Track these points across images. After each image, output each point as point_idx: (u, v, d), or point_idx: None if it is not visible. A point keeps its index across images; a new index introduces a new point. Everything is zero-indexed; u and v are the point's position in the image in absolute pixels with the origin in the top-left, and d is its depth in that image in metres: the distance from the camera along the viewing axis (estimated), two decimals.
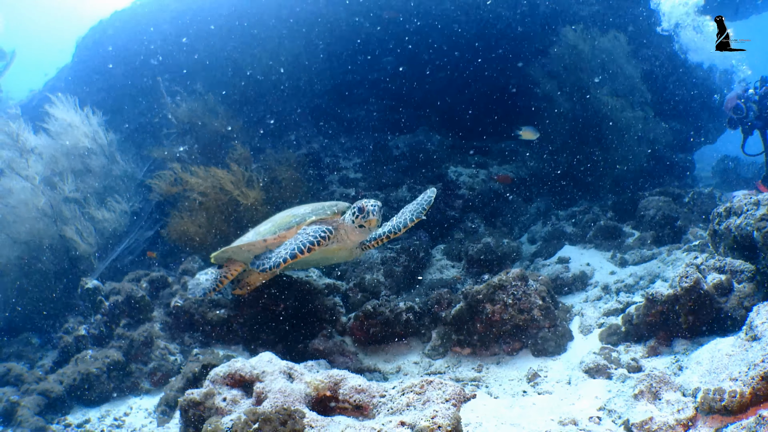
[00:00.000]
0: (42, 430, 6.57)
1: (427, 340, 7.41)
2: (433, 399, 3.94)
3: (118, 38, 15.57)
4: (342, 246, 6.60)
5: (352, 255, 7.01)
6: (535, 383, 5.92)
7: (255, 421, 3.65)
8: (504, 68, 14.43)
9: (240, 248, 6.78)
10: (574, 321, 7.49)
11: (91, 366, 7.31)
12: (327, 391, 4.32)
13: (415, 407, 3.95)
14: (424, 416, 3.61)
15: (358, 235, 6.51)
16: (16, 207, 10.01)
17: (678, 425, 4.12)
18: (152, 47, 14.66)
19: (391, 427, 3.55)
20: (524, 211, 12.42)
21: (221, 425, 3.92)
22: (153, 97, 13.73)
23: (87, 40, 16.74)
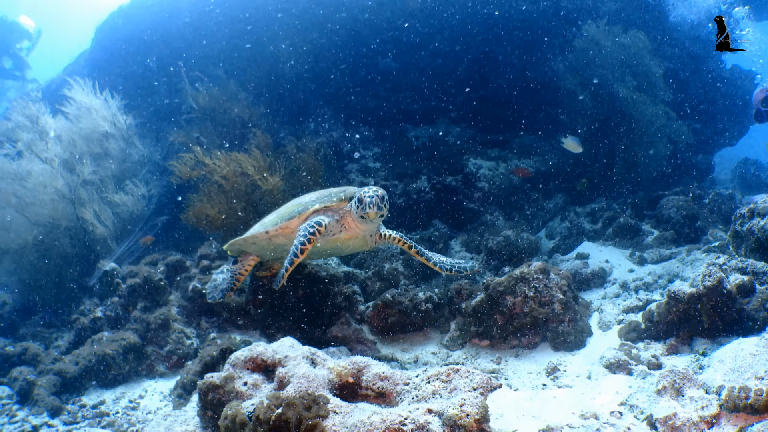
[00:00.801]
0: (58, 410, 6.57)
1: (445, 331, 7.37)
2: (461, 387, 3.89)
3: (137, 24, 15.54)
4: (352, 235, 6.27)
5: (367, 244, 6.62)
6: (555, 377, 5.90)
7: (278, 406, 3.61)
8: (525, 62, 14.32)
9: (246, 241, 6.72)
10: (593, 317, 7.45)
11: (107, 348, 7.31)
12: (350, 377, 4.28)
13: (441, 395, 3.91)
14: (452, 404, 3.57)
15: (366, 226, 6.17)
16: (35, 189, 10.02)
17: (701, 422, 4.07)
18: (172, 34, 14.62)
19: (419, 414, 3.51)
20: (542, 207, 12.34)
21: (242, 409, 3.88)
22: (172, 82, 13.73)
23: (106, 26, 16.73)
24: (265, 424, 3.58)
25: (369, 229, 6.26)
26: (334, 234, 6.19)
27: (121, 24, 16.06)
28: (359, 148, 12.92)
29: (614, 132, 12.89)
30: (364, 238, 6.42)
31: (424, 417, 3.49)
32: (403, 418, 3.49)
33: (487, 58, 14.41)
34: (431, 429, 3.44)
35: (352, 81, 14.37)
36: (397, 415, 3.51)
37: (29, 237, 10.00)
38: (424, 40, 14.28)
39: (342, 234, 6.23)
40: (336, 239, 6.25)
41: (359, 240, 6.41)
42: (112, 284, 8.44)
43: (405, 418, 3.49)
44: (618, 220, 10.51)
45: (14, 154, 10.30)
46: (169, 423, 5.05)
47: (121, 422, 6.06)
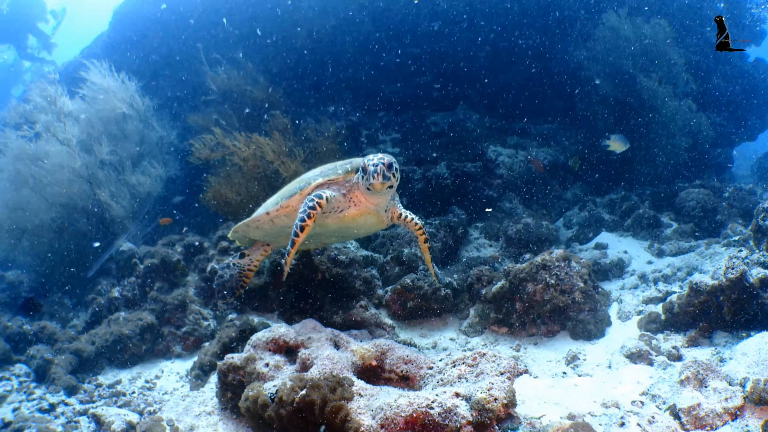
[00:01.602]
0: (74, 389, 6.58)
1: (464, 317, 7.31)
2: (487, 372, 3.86)
3: (155, 6, 15.51)
4: (363, 210, 5.60)
5: (382, 221, 5.91)
6: (575, 365, 5.84)
7: (302, 388, 3.57)
8: (546, 50, 14.19)
9: (248, 226, 6.29)
10: (612, 306, 7.38)
11: (123, 327, 7.31)
12: (373, 360, 4.24)
13: (467, 379, 3.87)
14: (479, 388, 3.53)
15: (376, 198, 5.49)
16: (52, 170, 10.04)
17: (725, 413, 4.06)
18: (190, 15, 14.59)
19: (446, 398, 3.46)
20: (560, 196, 12.25)
21: (264, 391, 3.84)
22: (190, 65, 13.69)
23: (124, 8, 16.76)
24: (289, 405, 3.54)
25: (380, 202, 5.60)
26: (342, 210, 5.61)
27: (139, 6, 16.05)
28: (378, 133, 12.86)
29: (634, 122, 12.75)
30: (377, 214, 5.73)
31: (452, 400, 3.45)
32: (430, 401, 3.45)
33: (508, 45, 14.27)
34: (459, 412, 3.40)
35: (371, 66, 14.28)
36: (424, 398, 3.46)
37: (46, 217, 10.04)
38: (444, 27, 14.17)
39: (351, 209, 5.61)
40: (346, 216, 5.65)
41: (372, 216, 5.73)
42: (130, 265, 8.43)
43: (432, 402, 3.45)
44: (637, 211, 10.43)
45: (32, 136, 10.32)
46: (188, 404, 5.03)
47: (137, 402, 6.04)
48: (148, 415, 5.58)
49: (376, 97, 13.91)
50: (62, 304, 9.78)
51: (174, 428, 4.50)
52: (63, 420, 5.90)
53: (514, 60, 14.26)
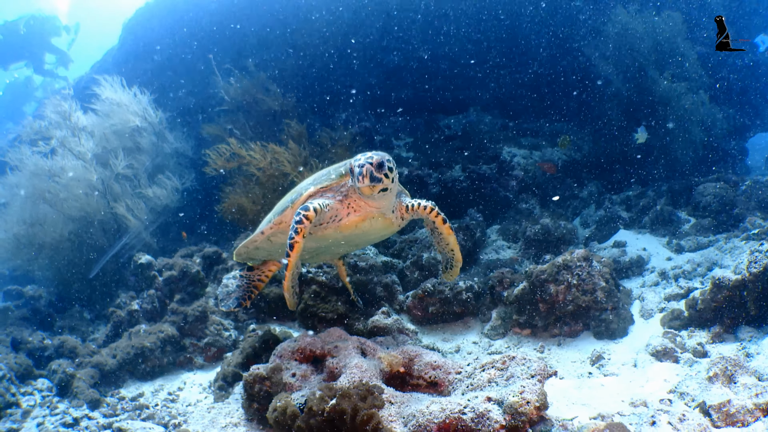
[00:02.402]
0: (97, 403, 6.58)
1: (486, 320, 7.26)
2: (518, 375, 3.81)
3: (164, 20, 15.61)
4: (365, 215, 4.97)
5: (392, 224, 5.22)
6: (600, 365, 5.79)
7: (332, 397, 3.53)
8: (556, 49, 14.15)
9: (248, 247, 5.79)
10: (634, 305, 7.32)
11: (145, 340, 7.32)
12: (401, 367, 4.20)
13: (497, 383, 3.83)
14: (511, 392, 3.49)
15: (377, 201, 4.83)
16: (69, 184, 10.12)
17: (756, 409, 3.98)
18: (201, 27, 14.65)
19: (478, 403, 3.42)
20: (576, 195, 12.19)
21: (292, 401, 3.81)
22: (201, 76, 13.76)
23: (133, 23, 16.87)
24: (319, 415, 3.51)
25: (383, 205, 4.93)
26: (341, 218, 4.98)
27: (148, 20, 16.17)
28: (392, 138, 12.84)
29: (648, 118, 12.66)
30: (383, 217, 5.07)
31: (484, 405, 3.41)
32: (462, 407, 3.41)
33: (517, 45, 14.26)
34: (491, 417, 3.36)
35: (382, 71, 14.29)
36: (456, 404, 3.43)
37: (64, 231, 10.10)
38: (453, 29, 14.16)
39: (352, 217, 4.97)
40: (346, 225, 5.01)
41: (378, 220, 5.06)
42: (149, 277, 8.44)
43: (464, 407, 3.41)
44: (654, 207, 10.35)
45: (48, 151, 10.39)
46: (213, 415, 5.00)
47: (162, 414, 6.03)
48: (173, 428, 5.57)
49: (388, 101, 13.92)
50: (81, 317, 9.81)
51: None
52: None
53: (524, 60, 14.23)
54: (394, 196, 4.95)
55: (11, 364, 7.19)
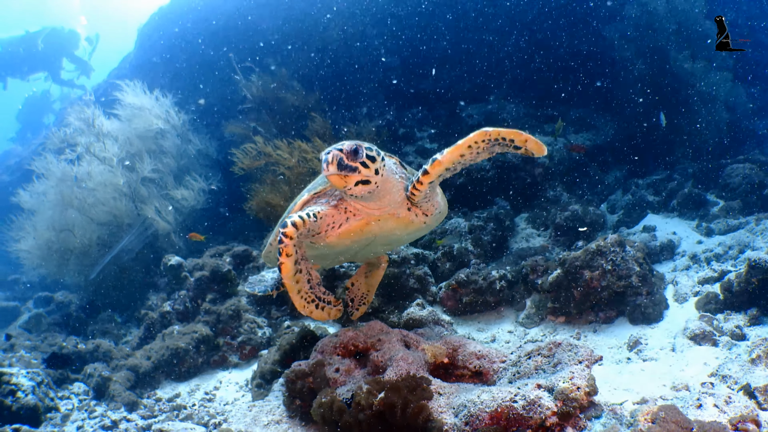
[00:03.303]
0: (134, 405, 6.61)
1: (520, 309, 7.21)
2: (565, 361, 3.77)
3: (179, 23, 15.64)
4: (369, 217, 4.37)
5: (411, 223, 4.53)
6: (638, 350, 5.73)
7: (380, 390, 3.50)
8: (574, 33, 14.02)
9: (268, 256, 5.44)
10: (667, 289, 7.24)
11: (179, 341, 7.35)
12: (445, 358, 4.17)
13: (544, 370, 3.79)
14: (561, 378, 3.46)
15: (375, 201, 4.23)
16: (96, 189, 10.20)
17: None
18: (215, 29, 14.64)
19: (528, 390, 3.39)
20: (602, 180, 12.08)
21: (338, 396, 3.78)
22: (219, 77, 13.79)
23: (148, 28, 16.93)
24: (368, 409, 3.48)
25: (383, 203, 4.27)
26: (341, 224, 4.41)
27: (163, 24, 16.22)
28: (414, 130, 12.78)
29: (671, 100, 12.51)
30: (395, 218, 4.43)
31: (535, 392, 3.38)
32: (513, 395, 3.38)
33: (535, 32, 14.14)
34: (542, 404, 3.33)
35: (401, 63, 14.23)
36: (506, 392, 3.39)
37: (93, 236, 10.17)
38: (472, 19, 14.06)
39: (352, 222, 4.39)
40: (350, 230, 4.43)
41: (389, 222, 4.44)
42: (179, 278, 8.47)
43: (515, 395, 3.38)
44: (682, 190, 10.23)
45: (74, 158, 10.48)
46: (255, 413, 4.98)
47: (201, 414, 6.04)
48: (214, 427, 5.57)
49: (408, 94, 13.85)
50: (112, 321, 9.88)
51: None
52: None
53: (544, 47, 14.11)
54: (393, 191, 4.22)
55: (48, 370, 7.24)
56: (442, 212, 4.88)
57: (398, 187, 4.25)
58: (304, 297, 4.31)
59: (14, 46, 21.90)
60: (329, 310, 4.40)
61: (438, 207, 4.65)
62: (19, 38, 22.01)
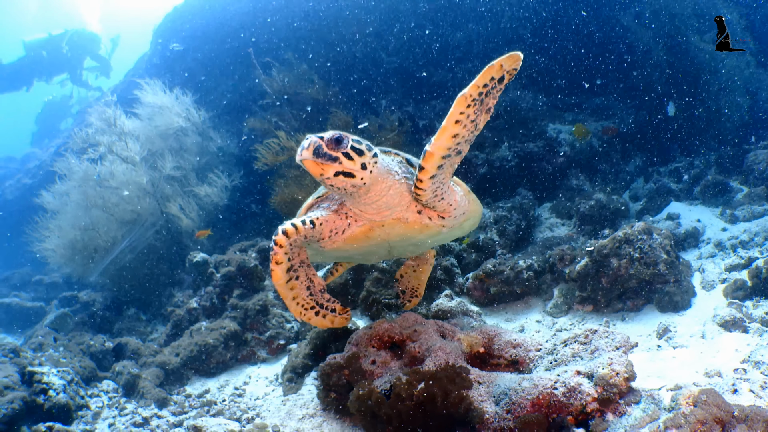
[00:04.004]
0: (164, 401, 6.66)
1: (547, 299, 7.19)
2: (602, 347, 3.78)
3: (194, 22, 15.69)
4: (371, 223, 4.09)
5: (429, 228, 4.19)
6: (668, 338, 5.69)
7: (420, 381, 3.51)
8: (591, 21, 13.91)
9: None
10: (694, 277, 7.19)
11: (207, 337, 7.39)
12: (481, 347, 4.17)
13: (581, 357, 3.79)
14: (600, 364, 3.46)
15: (371, 203, 3.92)
16: (119, 188, 10.25)
17: None
18: (231, 26, 14.66)
19: (568, 377, 3.39)
20: (623, 168, 12.01)
21: (376, 388, 3.78)
22: (237, 73, 13.81)
23: (163, 28, 16.99)
24: (408, 400, 3.49)
25: (382, 206, 3.96)
26: (343, 230, 4.17)
27: (179, 23, 16.26)
28: (434, 122, 12.74)
29: (692, 86, 12.41)
30: (404, 222, 4.09)
31: (575, 379, 3.38)
32: (553, 382, 3.39)
33: (552, 19, 14.03)
34: (583, 390, 3.34)
35: (419, 55, 14.18)
36: (547, 379, 3.40)
37: (117, 235, 10.23)
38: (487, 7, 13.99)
39: (354, 228, 4.14)
40: (354, 237, 4.19)
41: (397, 227, 4.13)
42: (206, 274, 8.51)
43: (555, 382, 3.39)
44: (705, 178, 10.16)
45: (96, 158, 10.55)
46: (289, 407, 5.00)
47: (233, 410, 6.06)
48: (246, 422, 5.59)
49: (426, 86, 13.80)
50: (138, 319, 9.95)
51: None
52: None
53: (560, 35, 14.01)
54: (391, 193, 3.90)
55: (76, 368, 7.30)
56: (470, 212, 4.40)
57: (399, 189, 3.91)
58: (301, 304, 4.26)
59: (38, 48, 22.10)
60: (332, 318, 4.36)
61: (458, 206, 4.13)
62: (43, 41, 22.19)
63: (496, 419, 3.40)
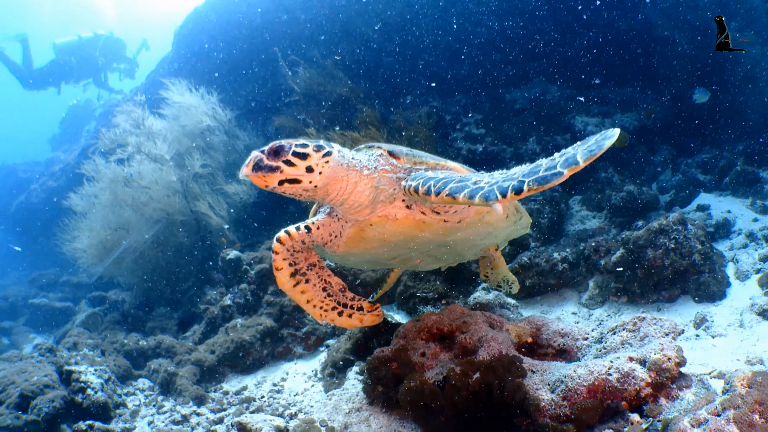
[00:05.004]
0: (202, 399, 6.71)
1: (582, 291, 7.20)
2: (652, 334, 3.82)
3: (216, 22, 15.73)
4: (362, 224, 3.91)
5: (424, 225, 3.86)
6: (706, 327, 5.71)
7: (475, 371, 3.54)
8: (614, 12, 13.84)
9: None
10: (728, 267, 7.18)
11: (243, 334, 7.45)
12: (529, 337, 4.20)
13: (631, 344, 3.83)
14: (652, 349, 3.51)
15: (356, 207, 3.79)
16: (148, 187, 10.33)
17: None
18: (253, 25, 14.70)
19: (621, 363, 3.45)
20: (650, 160, 11.96)
21: (429, 380, 3.82)
22: (261, 71, 13.85)
23: (184, 29, 17.05)
24: (464, 390, 3.52)
25: (354, 203, 3.78)
26: (340, 234, 4.07)
27: (200, 24, 16.31)
28: (460, 116, 12.75)
29: (717, 77, 12.33)
30: (394, 220, 3.85)
31: (628, 365, 3.44)
32: (607, 368, 3.44)
33: (574, 12, 13.97)
34: (637, 375, 3.39)
35: (443, 50, 14.17)
36: (601, 366, 3.46)
37: (147, 234, 10.30)
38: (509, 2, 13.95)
39: (347, 231, 4.02)
40: (351, 239, 4.04)
41: (388, 226, 3.87)
42: (239, 271, 8.57)
43: (609, 368, 3.44)
44: (734, 168, 10.11)
45: (125, 158, 10.64)
46: (335, 402, 5.03)
47: (275, 406, 6.11)
48: (290, 418, 5.64)
49: (450, 81, 13.80)
50: (170, 317, 10.02)
51: (329, 428, 4.51)
52: (201, 430, 5.99)
53: (583, 28, 13.95)
54: (359, 190, 3.70)
55: (112, 366, 7.39)
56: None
57: (368, 184, 3.69)
58: (319, 306, 4.27)
59: (68, 52, 22.29)
60: (360, 317, 4.35)
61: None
62: (73, 44, 22.40)
63: (552, 406, 3.44)
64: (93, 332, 9.58)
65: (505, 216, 4.10)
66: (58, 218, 11.77)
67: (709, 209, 9.21)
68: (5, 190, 22.91)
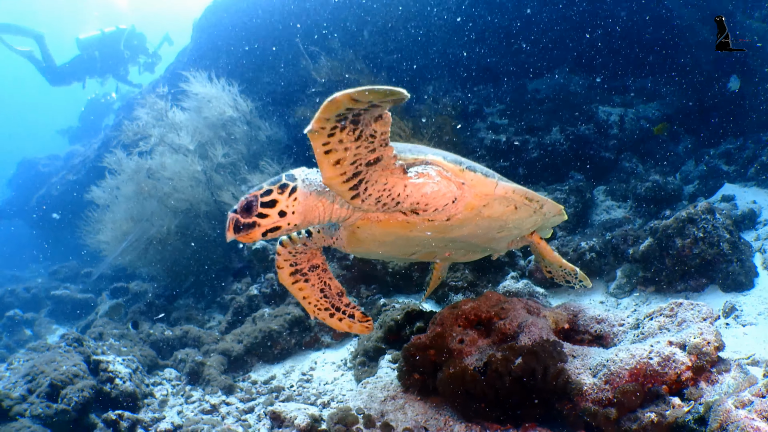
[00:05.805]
0: (231, 388, 6.73)
1: (609, 280, 7.20)
2: (689, 319, 3.83)
3: (235, 14, 15.71)
4: (352, 227, 3.84)
5: (408, 225, 3.71)
6: (736, 316, 5.70)
7: (517, 356, 3.57)
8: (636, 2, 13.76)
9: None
10: (755, 257, 7.15)
11: (271, 323, 7.48)
12: (566, 323, 4.22)
13: (668, 329, 3.85)
14: (691, 333, 3.54)
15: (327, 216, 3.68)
16: (172, 179, 10.37)
17: None
18: (272, 16, 14.68)
19: (662, 347, 3.48)
20: (673, 151, 11.90)
21: (469, 366, 3.85)
22: (281, 63, 13.84)
23: (203, 21, 17.04)
24: (506, 375, 3.55)
25: (338, 215, 3.71)
26: (342, 238, 4.09)
27: (219, 16, 16.29)
28: (483, 106, 12.73)
29: (738, 64, 12.24)
30: (377, 222, 3.74)
31: (668, 349, 3.46)
32: (648, 352, 3.46)
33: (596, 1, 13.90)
34: (677, 359, 3.41)
35: (464, 41, 14.12)
36: (642, 350, 3.48)
37: (171, 225, 10.36)
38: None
39: (342, 232, 4.03)
40: (350, 240, 4.03)
41: (375, 227, 3.79)
42: (266, 261, 8.60)
43: (650, 352, 3.46)
44: (760, 158, 10.02)
45: (148, 150, 10.69)
46: (370, 390, 5.06)
47: (306, 395, 6.14)
48: (323, 407, 5.67)
49: (472, 71, 13.76)
50: (195, 307, 10.07)
51: (366, 416, 4.55)
52: (232, 420, 6.02)
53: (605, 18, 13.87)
54: (339, 204, 3.62)
55: (138, 356, 7.44)
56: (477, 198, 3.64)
57: (342, 201, 3.61)
58: (314, 304, 4.54)
59: (92, 46, 22.38)
60: (350, 323, 4.60)
61: (430, 200, 3.53)
62: (96, 39, 22.46)
63: (595, 390, 3.46)
64: (119, 322, 9.64)
65: (513, 207, 3.87)
66: (79, 211, 11.85)
67: (734, 199, 9.14)
68: (26, 184, 23.08)
